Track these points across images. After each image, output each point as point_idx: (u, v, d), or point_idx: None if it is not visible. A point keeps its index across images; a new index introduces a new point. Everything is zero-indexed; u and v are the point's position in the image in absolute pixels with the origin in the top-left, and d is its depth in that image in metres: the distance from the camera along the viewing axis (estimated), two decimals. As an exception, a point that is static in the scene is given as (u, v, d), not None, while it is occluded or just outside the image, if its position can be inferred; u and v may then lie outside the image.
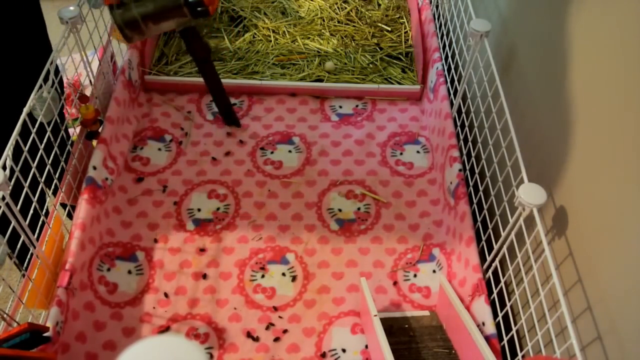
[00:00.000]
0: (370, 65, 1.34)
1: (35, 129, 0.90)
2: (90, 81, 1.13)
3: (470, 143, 1.09)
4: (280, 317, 0.97)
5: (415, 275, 1.02)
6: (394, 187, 1.15)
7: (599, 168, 0.75)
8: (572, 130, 0.82)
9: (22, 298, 0.84)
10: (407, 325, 0.90)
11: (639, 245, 0.65)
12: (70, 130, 1.61)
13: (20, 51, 1.04)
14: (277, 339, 0.94)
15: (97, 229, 1.00)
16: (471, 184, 1.04)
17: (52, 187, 0.98)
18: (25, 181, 0.87)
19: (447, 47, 1.29)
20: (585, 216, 0.77)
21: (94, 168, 1.02)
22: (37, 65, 1.08)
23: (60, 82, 1.02)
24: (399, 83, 1.31)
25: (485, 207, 0.98)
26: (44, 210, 0.93)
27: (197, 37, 1.07)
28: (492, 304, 0.86)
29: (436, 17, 1.38)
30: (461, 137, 1.12)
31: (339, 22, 1.44)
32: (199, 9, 0.99)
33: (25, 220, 0.81)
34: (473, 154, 1.07)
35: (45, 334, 0.78)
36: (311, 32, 1.41)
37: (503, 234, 0.83)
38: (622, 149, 0.69)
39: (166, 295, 0.98)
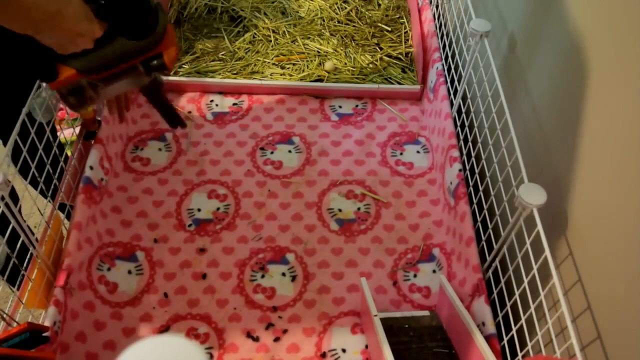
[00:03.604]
0: (370, 65, 1.34)
1: (34, 129, 0.90)
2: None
3: (470, 143, 1.09)
4: (280, 317, 0.97)
5: (415, 275, 1.02)
6: (394, 187, 1.15)
7: (598, 168, 0.75)
8: (572, 130, 0.81)
9: (22, 298, 0.84)
10: (407, 325, 0.90)
11: (638, 244, 0.65)
12: (70, 131, 1.61)
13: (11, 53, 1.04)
14: (277, 339, 0.94)
15: (93, 229, 1.00)
16: (471, 184, 1.04)
17: (52, 187, 0.98)
18: (25, 181, 0.87)
19: (447, 47, 1.29)
20: (585, 216, 0.77)
21: (91, 168, 1.02)
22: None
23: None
24: (399, 83, 1.31)
25: (485, 207, 0.98)
26: (44, 210, 0.93)
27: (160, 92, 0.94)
28: (492, 304, 0.85)
29: (436, 17, 1.38)
30: (461, 137, 1.12)
31: (339, 22, 1.44)
32: (153, 62, 0.84)
33: (24, 220, 0.81)
34: (473, 154, 1.07)
35: (45, 334, 0.78)
36: (311, 32, 1.41)
37: (503, 234, 0.83)
38: (622, 149, 0.69)
39: (166, 295, 0.98)
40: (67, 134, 1.59)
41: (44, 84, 0.94)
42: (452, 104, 1.15)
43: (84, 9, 0.68)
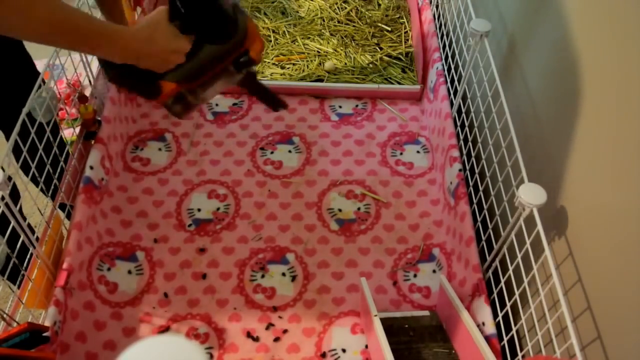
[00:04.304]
0: (370, 65, 1.34)
1: (34, 129, 0.90)
2: (90, 81, 1.13)
3: (470, 143, 1.09)
4: (280, 317, 0.97)
5: (415, 275, 1.02)
6: (394, 187, 1.15)
7: (598, 168, 0.75)
8: (572, 130, 0.81)
9: (22, 298, 0.84)
10: (407, 325, 0.90)
11: (638, 245, 0.65)
12: (70, 130, 1.61)
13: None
14: (277, 339, 0.94)
15: (94, 229, 1.00)
16: (471, 184, 1.04)
17: (52, 186, 0.98)
18: (26, 178, 0.86)
19: (447, 47, 1.29)
20: (585, 216, 0.77)
21: (91, 168, 1.02)
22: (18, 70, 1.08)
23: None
24: (399, 83, 1.31)
25: (485, 207, 0.98)
26: (44, 210, 0.93)
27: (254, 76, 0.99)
28: (492, 304, 0.86)
29: (436, 17, 1.37)
30: (461, 137, 1.12)
31: (339, 22, 1.44)
32: (241, 59, 0.90)
33: (25, 220, 0.81)
34: (473, 154, 1.07)
35: (45, 334, 0.78)
36: (311, 32, 1.41)
37: (503, 234, 0.83)
38: (622, 149, 0.69)
39: (166, 295, 0.98)
40: (67, 134, 1.59)
41: (44, 85, 0.94)
42: (452, 104, 1.15)
43: (171, 28, 0.76)
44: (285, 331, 0.95)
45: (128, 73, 0.79)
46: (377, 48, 1.38)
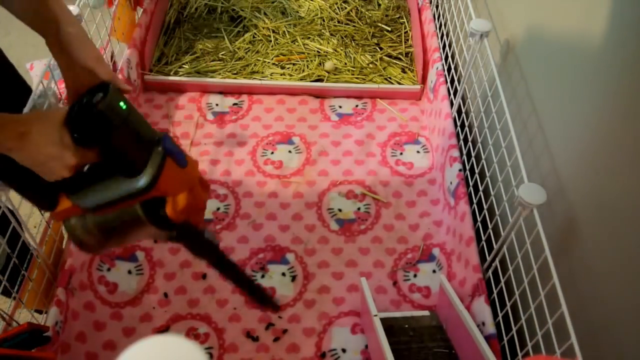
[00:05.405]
0: (370, 65, 1.34)
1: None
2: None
3: (470, 143, 1.09)
4: (280, 317, 0.97)
5: (415, 275, 1.02)
6: (394, 187, 1.15)
7: (598, 167, 0.74)
8: (572, 129, 0.81)
9: (22, 298, 0.84)
10: (407, 325, 0.90)
11: (637, 244, 0.65)
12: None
13: None
14: (277, 339, 0.94)
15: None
16: (471, 184, 1.04)
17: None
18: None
19: (447, 47, 1.29)
20: (585, 216, 0.77)
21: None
22: None
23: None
24: (399, 83, 1.31)
25: (485, 207, 0.98)
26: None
27: (196, 238, 0.74)
28: (492, 304, 0.85)
29: (436, 17, 1.38)
30: (461, 137, 1.12)
31: (339, 22, 1.44)
32: (155, 210, 0.68)
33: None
34: (473, 154, 1.07)
35: (46, 334, 0.78)
36: (311, 32, 1.41)
37: (503, 234, 0.83)
38: (622, 148, 0.69)
39: (166, 295, 0.98)
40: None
41: (44, 85, 0.94)
42: (452, 104, 1.15)
43: (59, 132, 0.61)
44: (285, 331, 0.95)
45: (15, 166, 0.61)
46: (377, 48, 1.38)
